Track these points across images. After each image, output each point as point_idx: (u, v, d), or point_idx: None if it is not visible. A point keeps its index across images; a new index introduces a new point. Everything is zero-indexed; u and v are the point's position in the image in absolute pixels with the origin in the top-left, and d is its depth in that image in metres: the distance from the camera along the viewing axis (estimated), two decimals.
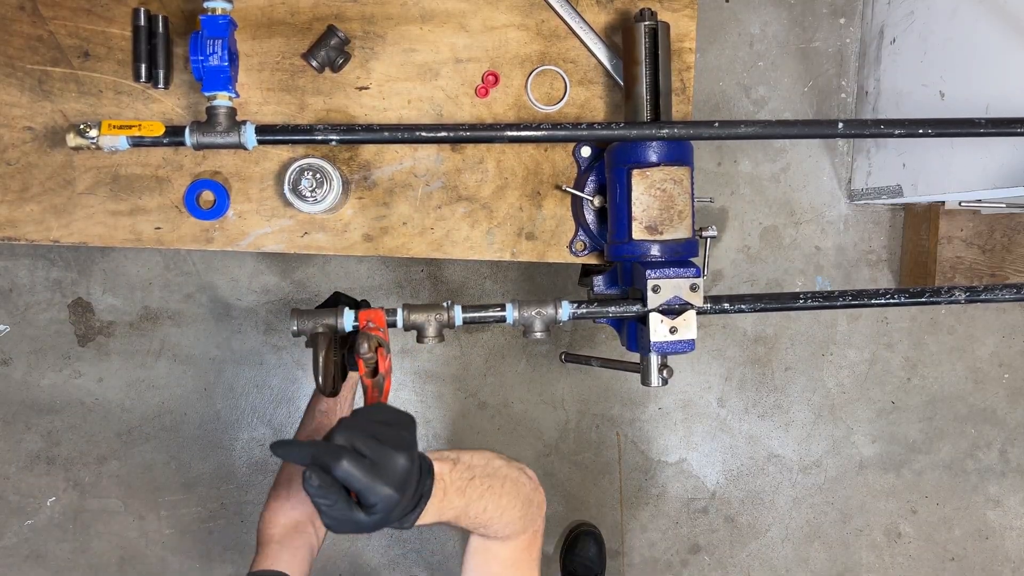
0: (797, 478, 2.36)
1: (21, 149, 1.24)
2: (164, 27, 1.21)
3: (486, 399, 2.31)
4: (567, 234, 1.31)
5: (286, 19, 1.25)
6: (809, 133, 1.18)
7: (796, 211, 2.30)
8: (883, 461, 2.36)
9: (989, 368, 2.34)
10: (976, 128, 1.12)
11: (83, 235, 1.26)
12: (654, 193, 1.10)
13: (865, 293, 1.12)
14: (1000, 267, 2.10)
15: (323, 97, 1.27)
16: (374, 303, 2.26)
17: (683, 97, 1.29)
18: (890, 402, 2.35)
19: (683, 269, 1.07)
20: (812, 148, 2.29)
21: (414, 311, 1.06)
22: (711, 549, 2.37)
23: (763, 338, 2.33)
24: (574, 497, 2.33)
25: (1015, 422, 2.35)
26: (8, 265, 2.25)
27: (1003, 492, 2.36)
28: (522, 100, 1.29)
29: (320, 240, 1.29)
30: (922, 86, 1.85)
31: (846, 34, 2.26)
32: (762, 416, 2.35)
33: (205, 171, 1.26)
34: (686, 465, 2.36)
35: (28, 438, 2.29)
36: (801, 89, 2.27)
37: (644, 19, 1.15)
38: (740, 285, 2.31)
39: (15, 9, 1.23)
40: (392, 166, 1.28)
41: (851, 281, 2.32)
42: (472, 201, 1.29)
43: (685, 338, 1.07)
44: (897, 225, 2.30)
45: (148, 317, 2.26)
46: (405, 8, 1.26)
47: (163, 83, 1.23)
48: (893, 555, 2.38)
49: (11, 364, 2.27)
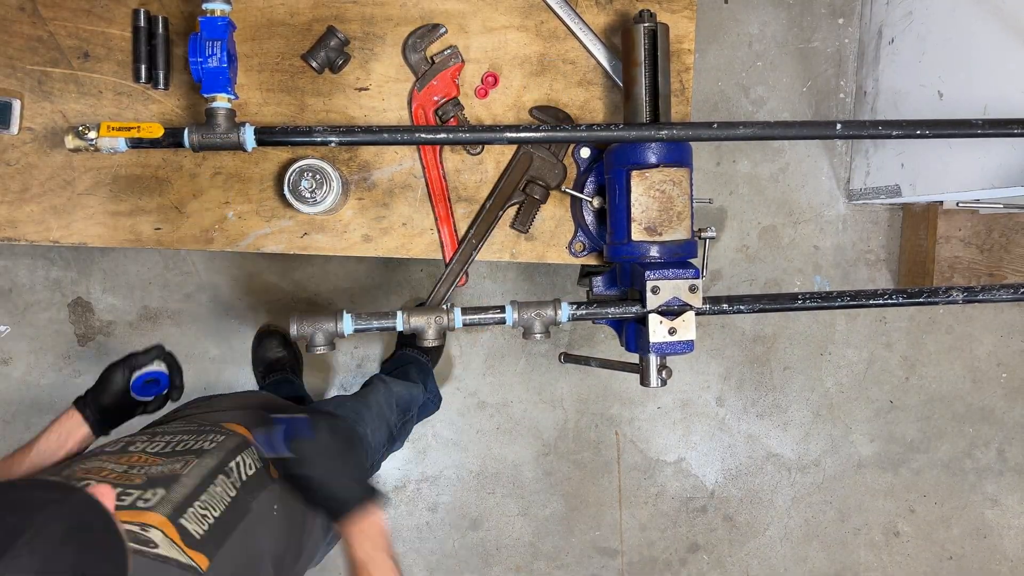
0: (796, 477, 2.36)
1: (21, 150, 1.25)
2: (164, 28, 1.21)
3: (486, 399, 2.31)
4: (566, 235, 1.31)
5: (286, 20, 1.26)
6: (807, 134, 1.18)
7: (795, 211, 2.30)
8: (881, 460, 2.36)
9: (987, 367, 2.34)
10: (973, 129, 1.13)
11: (83, 235, 1.27)
12: (653, 194, 1.10)
13: (863, 293, 1.13)
14: (998, 267, 2.10)
15: (323, 98, 1.27)
16: (374, 303, 2.27)
17: (682, 98, 1.29)
18: (888, 401, 2.35)
19: (682, 270, 1.07)
20: (811, 148, 2.29)
21: (414, 314, 1.06)
22: (710, 548, 2.37)
23: (762, 338, 2.33)
24: (573, 496, 2.34)
25: (1013, 421, 2.35)
26: (8, 265, 2.25)
27: (1001, 491, 2.37)
28: (522, 101, 1.29)
29: (320, 241, 1.29)
30: (920, 86, 1.85)
31: (844, 34, 2.27)
32: (761, 415, 2.35)
33: (205, 172, 1.27)
34: (685, 464, 2.36)
35: (28, 438, 2.29)
36: (800, 89, 2.27)
37: (643, 20, 1.15)
38: (739, 285, 2.32)
39: (15, 10, 1.23)
40: (392, 167, 1.28)
41: (849, 280, 2.32)
42: (472, 202, 1.29)
43: (684, 339, 1.07)
44: (895, 225, 2.30)
45: (148, 317, 2.26)
46: (405, 9, 1.26)
47: (163, 84, 1.23)
48: (891, 554, 2.39)
49: (11, 364, 2.27)
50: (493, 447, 2.32)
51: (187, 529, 0.81)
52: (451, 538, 2.34)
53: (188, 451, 0.95)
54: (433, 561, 2.34)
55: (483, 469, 2.32)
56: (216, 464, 0.94)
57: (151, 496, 0.82)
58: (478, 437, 2.32)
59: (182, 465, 0.90)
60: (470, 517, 2.34)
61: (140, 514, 0.79)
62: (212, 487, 0.90)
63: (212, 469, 0.92)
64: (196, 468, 0.91)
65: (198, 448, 0.96)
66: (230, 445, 1.00)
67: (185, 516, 0.83)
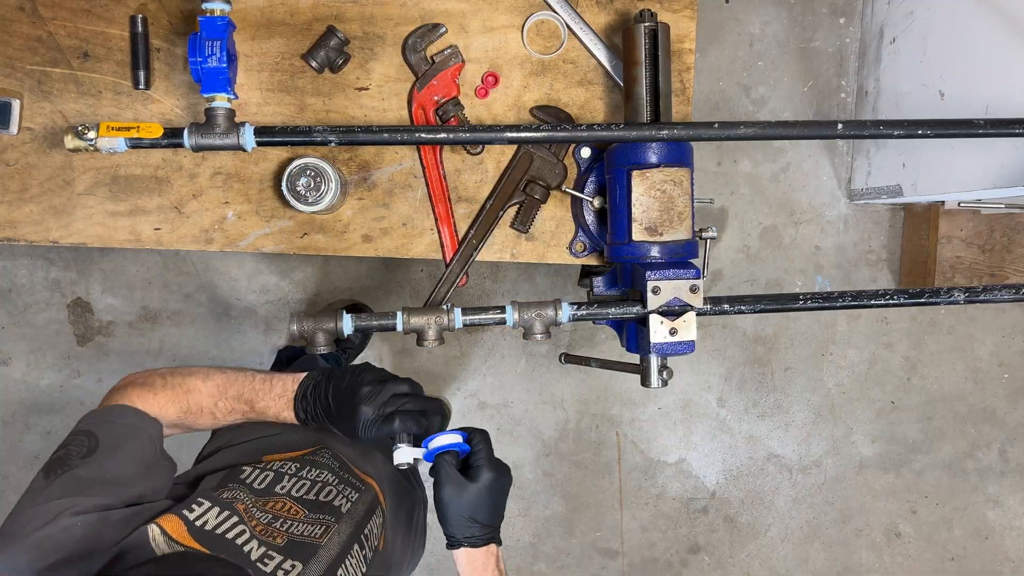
0: (797, 478, 2.36)
1: (20, 150, 1.24)
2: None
3: (486, 399, 2.31)
4: (567, 235, 1.30)
5: (285, 20, 1.25)
6: (808, 134, 1.17)
7: (796, 211, 2.30)
8: (883, 461, 2.36)
9: (989, 368, 2.34)
10: (975, 129, 1.12)
11: (82, 235, 1.26)
12: (654, 194, 1.10)
13: (864, 294, 1.12)
14: (1000, 267, 2.10)
15: (322, 98, 1.26)
16: (374, 303, 2.27)
17: (683, 98, 1.29)
18: (890, 402, 2.35)
19: (683, 270, 1.06)
20: (812, 148, 2.29)
21: (414, 314, 1.06)
22: (711, 549, 2.37)
23: (763, 338, 2.33)
24: (574, 497, 2.33)
25: (1015, 422, 2.35)
26: (7, 265, 2.25)
27: (1003, 492, 2.36)
28: (522, 101, 1.28)
29: (319, 241, 1.29)
30: (922, 86, 1.85)
31: (846, 34, 2.26)
32: (762, 416, 2.35)
33: (204, 172, 1.26)
34: (686, 465, 2.36)
35: (28, 438, 2.29)
36: (801, 89, 2.27)
37: (644, 20, 1.14)
38: (740, 285, 2.31)
39: (15, 10, 1.22)
40: (392, 167, 1.28)
41: (851, 281, 2.32)
42: (472, 202, 1.29)
43: (685, 339, 1.07)
44: (897, 225, 2.30)
45: (147, 317, 2.26)
46: (405, 9, 1.26)
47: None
48: (893, 555, 2.38)
49: (11, 364, 2.27)
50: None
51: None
52: None
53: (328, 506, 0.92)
54: (433, 562, 2.34)
55: None
56: (352, 531, 0.92)
57: (289, 568, 0.80)
58: None
59: (322, 532, 0.87)
60: None
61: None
62: (347, 561, 0.87)
63: (349, 537, 0.90)
64: (335, 537, 0.88)
65: (338, 505, 0.93)
66: (364, 506, 0.97)
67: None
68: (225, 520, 0.80)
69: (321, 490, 0.94)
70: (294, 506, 0.89)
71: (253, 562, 0.77)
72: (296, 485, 0.93)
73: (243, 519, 0.82)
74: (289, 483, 0.93)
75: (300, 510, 0.89)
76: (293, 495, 0.91)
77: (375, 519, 0.99)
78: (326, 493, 0.94)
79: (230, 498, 0.84)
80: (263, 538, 0.81)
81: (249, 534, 0.80)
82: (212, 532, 0.77)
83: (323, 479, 0.96)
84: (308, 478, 0.95)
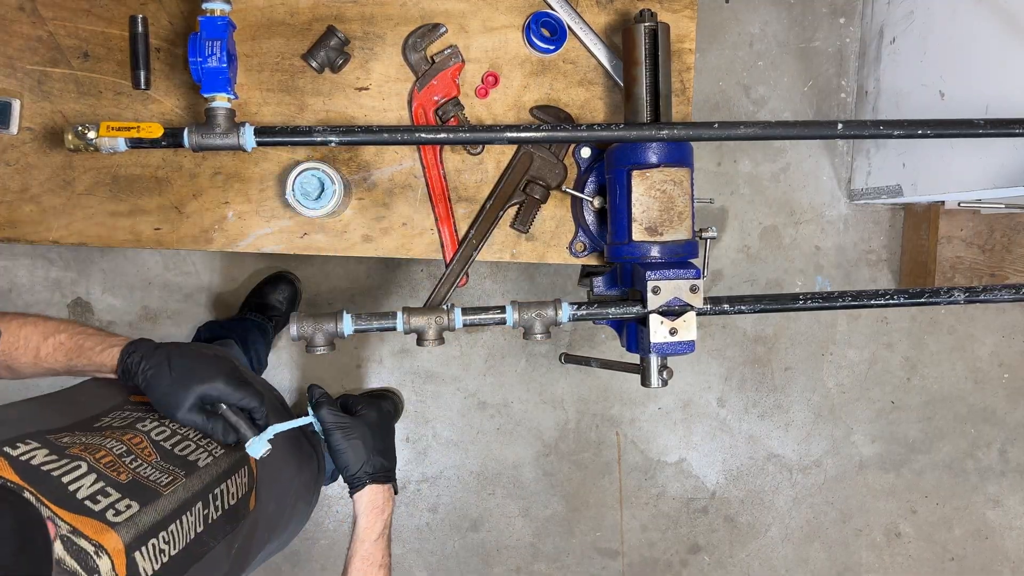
0: (797, 478, 2.36)
1: (20, 150, 1.24)
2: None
3: (486, 399, 2.31)
4: (567, 235, 1.31)
5: (285, 20, 1.25)
6: (808, 134, 1.17)
7: (796, 211, 2.30)
8: (883, 461, 2.36)
9: (989, 368, 2.34)
10: (975, 129, 1.12)
11: (82, 235, 1.26)
12: (654, 194, 1.10)
13: (865, 294, 1.12)
14: (1000, 267, 2.10)
15: (323, 98, 1.26)
16: (374, 303, 2.27)
17: (683, 98, 1.29)
18: (890, 402, 2.35)
19: (683, 270, 1.06)
20: (812, 148, 2.29)
21: (414, 315, 1.06)
22: (711, 549, 2.37)
23: (763, 338, 2.33)
24: (574, 496, 2.34)
25: (1015, 422, 2.35)
26: (8, 265, 2.25)
27: (1003, 492, 2.36)
28: (522, 101, 1.28)
29: (319, 241, 1.29)
30: (922, 86, 1.85)
31: (846, 34, 2.26)
32: (762, 416, 2.35)
33: (205, 172, 1.26)
34: (686, 465, 2.36)
35: None
36: (801, 89, 2.27)
37: (644, 20, 1.15)
38: (740, 285, 2.31)
39: (15, 9, 1.23)
40: (392, 167, 1.28)
41: (851, 281, 2.32)
42: (472, 202, 1.29)
43: (685, 339, 1.07)
44: (897, 225, 2.30)
45: (147, 317, 2.26)
46: (405, 9, 1.26)
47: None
48: (893, 555, 2.38)
49: None
50: (493, 447, 2.32)
51: (137, 567, 0.77)
52: (451, 539, 2.34)
53: (183, 460, 0.92)
54: (433, 562, 2.34)
55: (483, 470, 2.32)
56: (201, 488, 0.91)
57: (123, 508, 0.79)
58: (478, 437, 2.32)
59: (168, 482, 0.87)
60: (470, 518, 2.33)
61: (103, 530, 0.75)
62: (186, 516, 0.87)
63: (195, 493, 0.90)
64: (179, 490, 0.88)
65: (194, 460, 0.94)
66: (225, 464, 0.97)
67: (143, 549, 0.78)
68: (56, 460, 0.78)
69: (180, 443, 0.95)
70: (148, 447, 0.90)
71: (80, 501, 0.76)
72: (157, 429, 0.94)
73: (90, 452, 0.82)
74: (151, 425, 0.94)
75: (153, 454, 0.90)
76: (152, 437, 0.92)
77: (235, 479, 0.99)
78: (183, 447, 0.95)
79: (85, 443, 0.84)
80: (106, 471, 0.81)
81: (86, 468, 0.79)
82: (36, 468, 0.76)
83: (183, 432, 0.97)
84: (171, 428, 0.96)
